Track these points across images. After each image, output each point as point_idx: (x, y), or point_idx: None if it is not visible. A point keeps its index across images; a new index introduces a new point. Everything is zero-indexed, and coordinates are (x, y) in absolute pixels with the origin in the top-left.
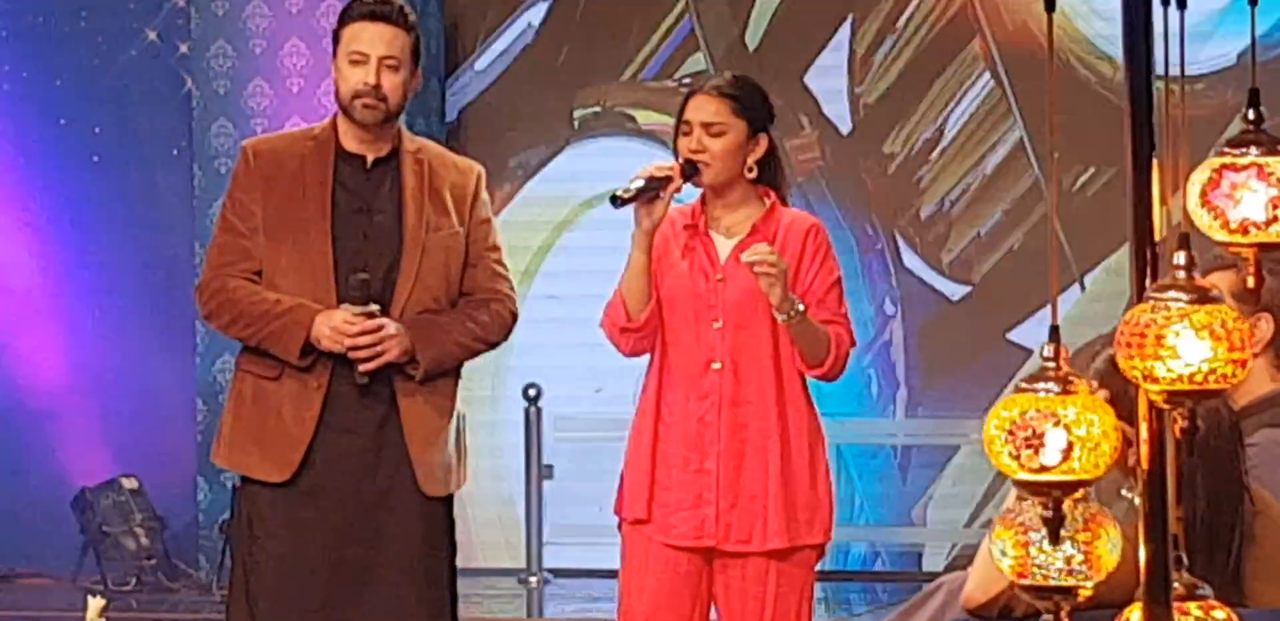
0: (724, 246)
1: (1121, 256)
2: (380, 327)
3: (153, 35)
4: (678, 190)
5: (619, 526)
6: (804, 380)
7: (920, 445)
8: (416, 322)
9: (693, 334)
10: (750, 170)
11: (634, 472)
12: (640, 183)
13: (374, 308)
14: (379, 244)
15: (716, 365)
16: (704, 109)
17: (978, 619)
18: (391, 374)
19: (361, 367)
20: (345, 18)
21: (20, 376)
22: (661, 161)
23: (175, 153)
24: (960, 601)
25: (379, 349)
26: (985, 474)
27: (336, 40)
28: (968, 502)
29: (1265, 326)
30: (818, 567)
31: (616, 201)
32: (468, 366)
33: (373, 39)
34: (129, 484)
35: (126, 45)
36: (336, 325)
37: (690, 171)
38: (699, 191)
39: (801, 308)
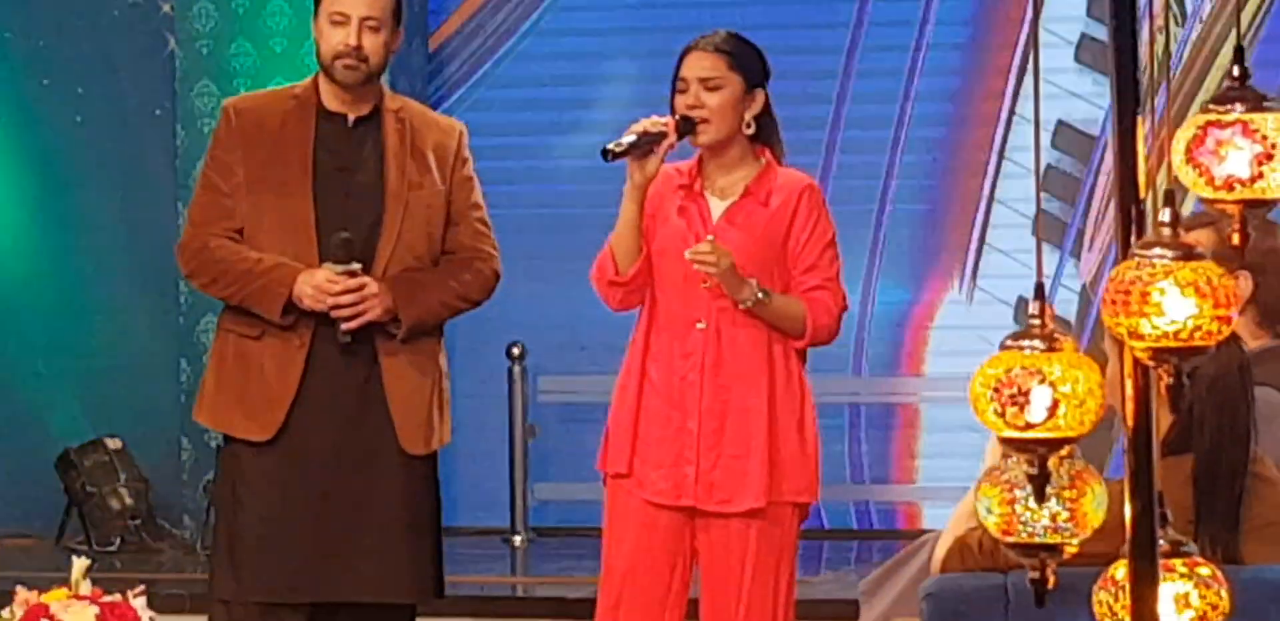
0: (717, 207)
1: None
2: (362, 286)
3: None
4: (671, 147)
5: (604, 481)
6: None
7: None
8: (399, 281)
9: (680, 293)
10: (748, 126)
11: (617, 427)
12: (633, 137)
13: (356, 266)
14: (361, 203)
15: (700, 325)
16: (700, 65)
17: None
18: (374, 333)
19: (344, 327)
20: None
21: (2, 336)
22: (657, 117)
23: (158, 113)
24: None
25: (361, 308)
26: None
27: (317, 0)
28: None
29: (1244, 284)
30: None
31: (608, 155)
32: (450, 324)
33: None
34: (113, 444)
35: (109, 5)
36: (318, 284)
37: (686, 128)
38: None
39: (761, 295)
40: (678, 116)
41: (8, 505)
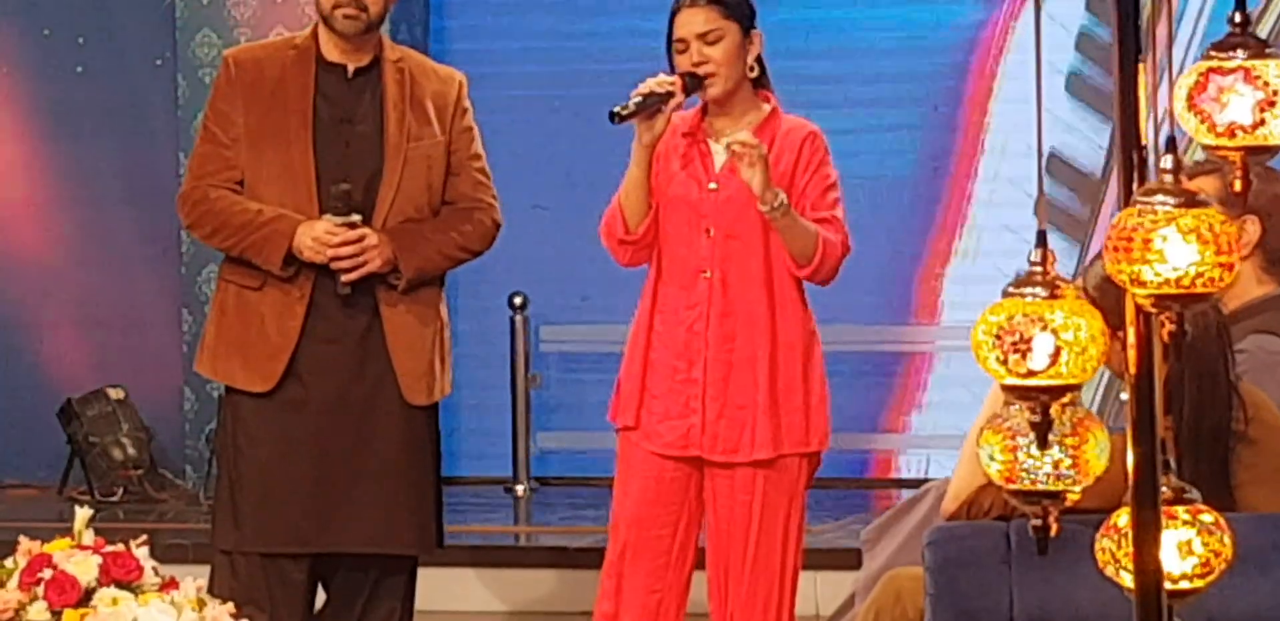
0: (720, 155)
1: None
2: (362, 238)
3: None
4: (679, 105)
5: (617, 432)
6: (799, 290)
7: None
8: (399, 232)
9: (685, 242)
10: (752, 70)
11: (627, 379)
12: (640, 99)
13: (356, 218)
14: (361, 154)
15: (706, 274)
16: (694, 21)
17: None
18: (374, 284)
19: (344, 278)
20: None
21: (4, 287)
22: (663, 76)
23: (159, 63)
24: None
25: (360, 259)
26: None
27: None
28: None
29: (1252, 228)
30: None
31: (615, 117)
32: (451, 274)
33: None
34: (115, 394)
35: None
36: (318, 236)
37: (693, 85)
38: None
39: (785, 199)
40: (683, 74)
41: (10, 455)
